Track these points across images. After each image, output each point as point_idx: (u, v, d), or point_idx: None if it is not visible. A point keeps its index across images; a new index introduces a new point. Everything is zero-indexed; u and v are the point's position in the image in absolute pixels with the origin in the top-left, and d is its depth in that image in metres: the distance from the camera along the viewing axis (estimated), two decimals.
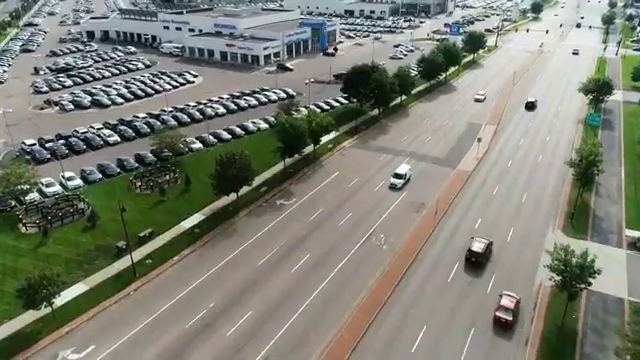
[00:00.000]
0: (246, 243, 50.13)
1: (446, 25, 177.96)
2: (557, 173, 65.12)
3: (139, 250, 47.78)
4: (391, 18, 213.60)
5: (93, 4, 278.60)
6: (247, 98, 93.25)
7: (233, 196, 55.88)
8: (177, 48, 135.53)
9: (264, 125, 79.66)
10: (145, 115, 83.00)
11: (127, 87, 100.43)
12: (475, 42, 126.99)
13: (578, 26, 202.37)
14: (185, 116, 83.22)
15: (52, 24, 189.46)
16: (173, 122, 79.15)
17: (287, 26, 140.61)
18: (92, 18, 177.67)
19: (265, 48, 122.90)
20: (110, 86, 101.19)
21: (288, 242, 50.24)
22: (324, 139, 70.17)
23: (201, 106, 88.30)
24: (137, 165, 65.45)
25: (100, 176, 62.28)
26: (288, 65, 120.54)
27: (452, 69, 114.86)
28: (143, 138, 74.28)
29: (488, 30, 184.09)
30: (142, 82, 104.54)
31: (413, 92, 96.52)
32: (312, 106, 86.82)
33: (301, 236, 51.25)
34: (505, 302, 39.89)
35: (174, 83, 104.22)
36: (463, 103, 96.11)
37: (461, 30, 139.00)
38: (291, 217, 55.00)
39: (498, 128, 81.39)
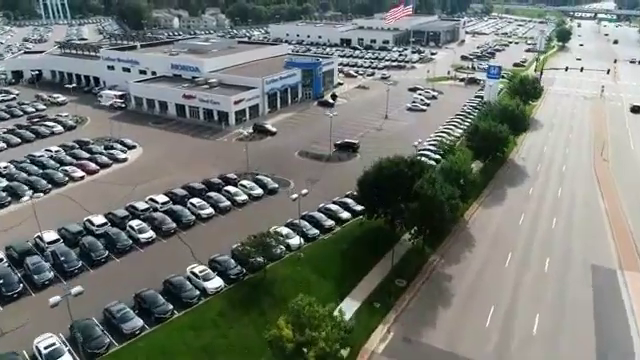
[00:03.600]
0: None
1: (470, 58, 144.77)
2: None
3: None
4: (395, 48, 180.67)
5: (52, 31, 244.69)
6: (194, 202, 56.31)
7: None
8: (119, 98, 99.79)
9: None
10: None
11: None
12: (528, 91, 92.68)
13: (632, 61, 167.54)
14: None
15: None
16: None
17: (270, 66, 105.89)
18: (26, 52, 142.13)
19: (237, 102, 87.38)
20: None
21: None
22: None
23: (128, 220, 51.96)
24: None
25: None
26: (269, 126, 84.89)
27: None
28: None
29: (517, 65, 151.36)
30: (38, 162, 68.42)
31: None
32: (303, 223, 50.69)
33: None
34: None
35: (88, 167, 67.32)
36: (553, 207, 58.92)
37: (503, 73, 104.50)
38: None
39: None
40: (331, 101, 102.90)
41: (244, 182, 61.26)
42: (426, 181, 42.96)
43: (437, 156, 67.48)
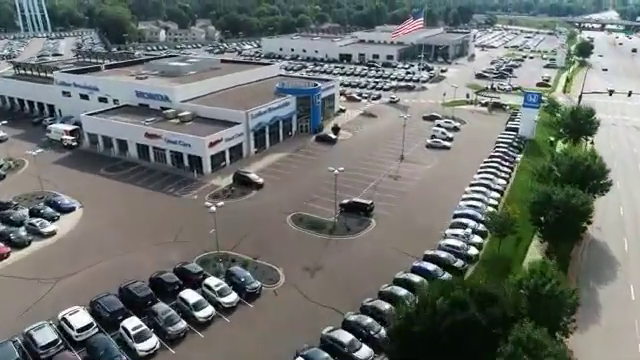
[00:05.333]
0: None
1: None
2: None
3: None
4: (400, 65, 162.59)
5: (27, 45, 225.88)
6: (128, 328, 36.13)
7: None
8: (70, 134, 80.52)
9: None
10: None
11: None
12: (581, 126, 73.84)
13: None
14: None
15: None
16: None
17: (259, 93, 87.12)
18: None
19: (213, 143, 68.11)
20: None
21: None
22: None
23: None
24: None
25: None
26: (253, 176, 65.39)
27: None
28: None
29: (542, 84, 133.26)
30: None
31: None
32: None
33: None
34: None
35: None
36: None
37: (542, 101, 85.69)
38: None
39: None
40: (332, 136, 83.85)
41: (210, 281, 41.80)
42: (517, 344, 23.57)
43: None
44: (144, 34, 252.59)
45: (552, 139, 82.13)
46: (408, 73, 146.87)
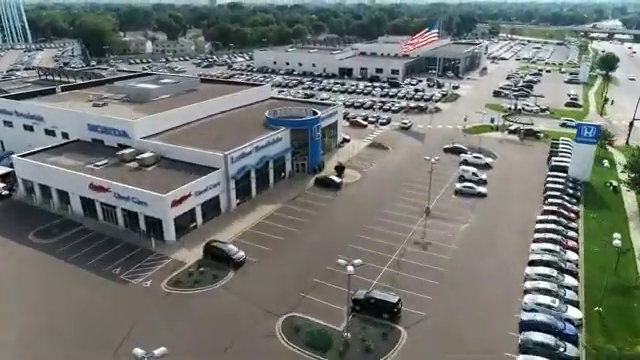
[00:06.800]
0: None
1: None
2: None
3: None
4: (407, 80, 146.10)
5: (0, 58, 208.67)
6: None
7: None
8: (1, 179, 62.94)
9: None
10: None
11: None
12: None
13: None
14: None
15: None
16: None
17: (245, 124, 70.03)
18: None
19: (178, 201, 50.50)
20: None
21: None
22: None
23: None
24: None
25: None
26: (230, 248, 47.37)
27: None
28: None
29: (572, 104, 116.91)
30: None
31: None
32: None
33: None
34: None
35: None
36: None
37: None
38: None
39: None
40: (336, 179, 66.44)
41: None
42: None
43: None
44: (129, 45, 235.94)
45: (613, 183, 65.18)
46: (417, 91, 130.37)
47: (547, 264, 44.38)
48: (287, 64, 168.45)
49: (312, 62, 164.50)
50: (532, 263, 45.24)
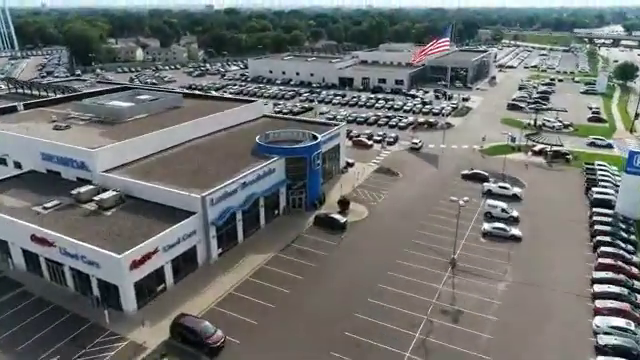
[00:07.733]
0: None
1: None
2: None
3: None
4: (413, 92, 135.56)
5: None
6: None
7: None
8: None
9: None
10: None
11: None
12: None
13: None
14: None
15: None
16: None
17: (231, 152, 59.15)
18: None
19: (139, 261, 39.47)
20: None
21: None
22: None
23: None
24: None
25: None
26: (205, 328, 36.19)
27: None
28: None
29: (594, 119, 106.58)
30: None
31: None
32: None
33: None
34: None
35: None
36: None
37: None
38: None
39: None
40: (340, 218, 55.33)
41: None
42: None
43: None
44: (118, 53, 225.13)
45: None
46: (425, 103, 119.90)
47: (622, 354, 33.45)
48: (283, 73, 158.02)
49: (310, 71, 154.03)
50: (601, 351, 34.29)
